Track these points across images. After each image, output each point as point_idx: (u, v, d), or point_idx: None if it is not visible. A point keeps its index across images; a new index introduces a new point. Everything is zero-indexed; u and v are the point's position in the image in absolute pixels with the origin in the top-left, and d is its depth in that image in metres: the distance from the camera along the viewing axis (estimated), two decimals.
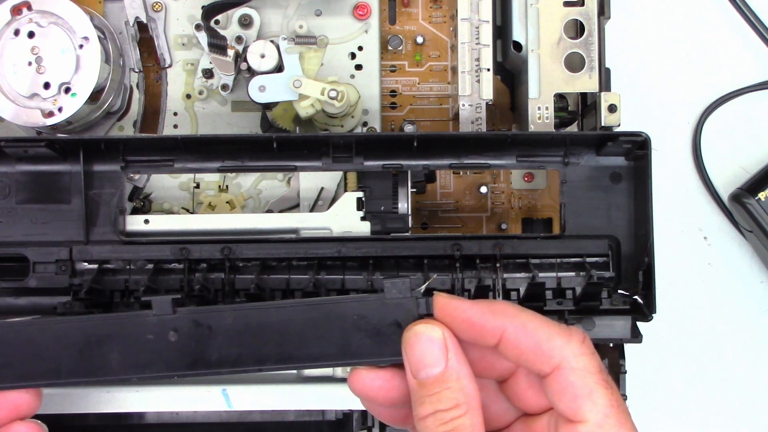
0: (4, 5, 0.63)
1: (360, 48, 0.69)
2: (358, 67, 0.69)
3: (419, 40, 0.72)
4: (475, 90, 0.67)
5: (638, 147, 0.59)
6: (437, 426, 0.45)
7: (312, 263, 0.61)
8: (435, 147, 0.61)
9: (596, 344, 0.59)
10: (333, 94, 0.64)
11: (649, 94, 0.79)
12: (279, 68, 0.65)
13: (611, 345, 0.63)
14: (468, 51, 0.67)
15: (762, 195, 0.74)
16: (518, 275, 0.61)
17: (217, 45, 0.65)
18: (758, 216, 0.74)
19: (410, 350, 0.47)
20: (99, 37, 0.64)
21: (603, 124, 0.64)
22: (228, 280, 0.61)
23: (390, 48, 0.72)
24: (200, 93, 0.70)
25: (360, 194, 0.63)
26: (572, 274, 0.61)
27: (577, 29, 0.66)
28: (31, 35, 0.63)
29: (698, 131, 0.79)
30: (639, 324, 0.60)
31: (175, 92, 0.70)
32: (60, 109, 0.64)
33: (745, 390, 0.79)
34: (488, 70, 0.67)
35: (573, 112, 0.69)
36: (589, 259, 0.61)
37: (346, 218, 0.63)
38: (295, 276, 0.61)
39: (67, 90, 0.64)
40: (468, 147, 0.61)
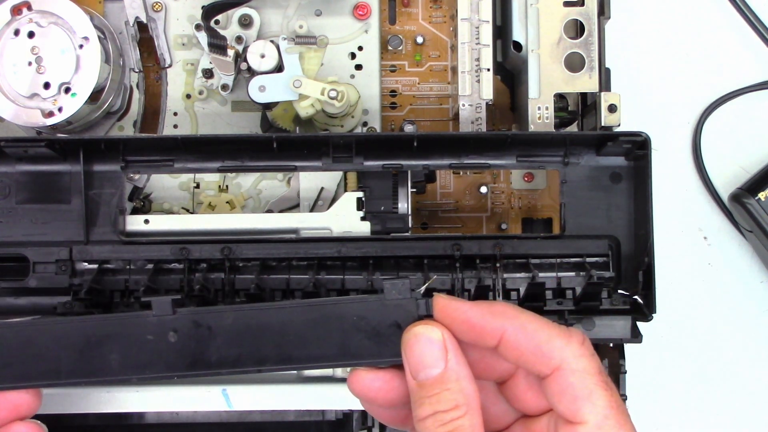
0: (4, 5, 0.63)
1: (360, 48, 0.69)
2: (358, 67, 0.69)
3: (419, 40, 0.72)
4: (475, 90, 0.67)
5: (638, 147, 0.59)
6: (437, 427, 0.45)
7: (312, 263, 0.61)
8: (435, 147, 0.61)
9: (596, 344, 0.60)
10: (333, 94, 0.64)
11: (649, 94, 0.79)
12: (279, 68, 0.65)
13: (611, 345, 0.63)
14: (468, 51, 0.67)
15: (762, 195, 0.74)
16: (518, 275, 0.61)
17: (217, 45, 0.65)
18: (758, 216, 0.74)
19: (410, 351, 0.47)
20: (99, 37, 0.64)
21: (603, 124, 0.64)
22: (228, 280, 0.61)
23: (390, 48, 0.72)
24: (200, 93, 0.69)
25: (360, 194, 0.63)
26: (572, 274, 0.61)
27: (577, 29, 0.66)
28: (31, 35, 0.63)
29: (698, 131, 0.79)
30: (639, 324, 0.60)
31: (175, 92, 0.70)
32: (60, 109, 0.64)
33: (745, 390, 0.79)
34: (488, 70, 0.67)
35: (573, 112, 0.69)
36: (589, 259, 0.61)
37: (346, 218, 0.63)
38: (295, 276, 0.61)
39: (67, 90, 0.64)
40: (468, 147, 0.61)
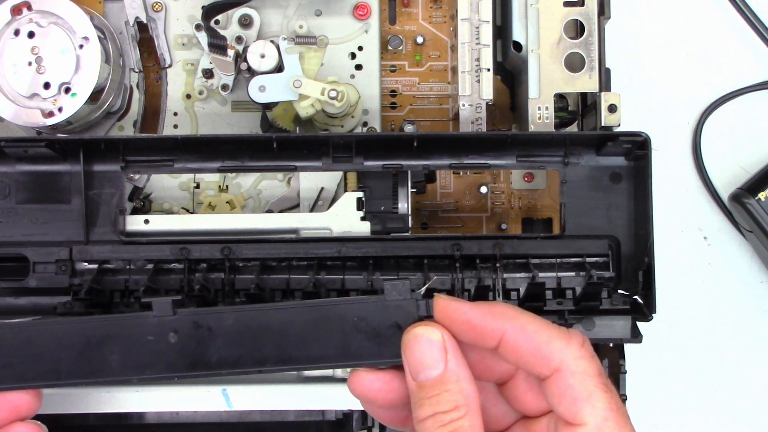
0: (4, 5, 0.63)
1: (360, 48, 0.69)
2: (358, 67, 0.69)
3: (419, 40, 0.72)
4: (475, 90, 0.67)
5: (638, 147, 0.59)
6: (436, 428, 0.45)
7: (312, 263, 0.61)
8: (435, 147, 0.61)
9: (596, 344, 0.60)
10: (333, 94, 0.64)
11: (649, 94, 0.79)
12: (279, 68, 0.65)
13: (611, 345, 0.63)
14: (468, 51, 0.67)
15: (762, 195, 0.74)
16: (518, 275, 0.61)
17: (217, 45, 0.65)
18: (758, 216, 0.74)
19: (410, 352, 0.47)
20: (99, 37, 0.64)
21: (603, 124, 0.64)
22: (228, 280, 0.61)
23: (390, 48, 0.72)
24: (200, 93, 0.69)
25: (360, 194, 0.63)
26: (572, 274, 0.61)
27: (577, 29, 0.66)
28: (31, 35, 0.63)
29: (698, 131, 0.79)
30: (639, 324, 0.60)
31: (175, 92, 0.70)
32: (60, 109, 0.64)
33: (745, 390, 0.79)
34: (488, 70, 0.67)
35: (573, 112, 0.69)
36: (589, 259, 0.61)
37: (346, 218, 0.63)
38: (295, 276, 0.61)
39: (67, 90, 0.64)
40: (468, 147, 0.61)
